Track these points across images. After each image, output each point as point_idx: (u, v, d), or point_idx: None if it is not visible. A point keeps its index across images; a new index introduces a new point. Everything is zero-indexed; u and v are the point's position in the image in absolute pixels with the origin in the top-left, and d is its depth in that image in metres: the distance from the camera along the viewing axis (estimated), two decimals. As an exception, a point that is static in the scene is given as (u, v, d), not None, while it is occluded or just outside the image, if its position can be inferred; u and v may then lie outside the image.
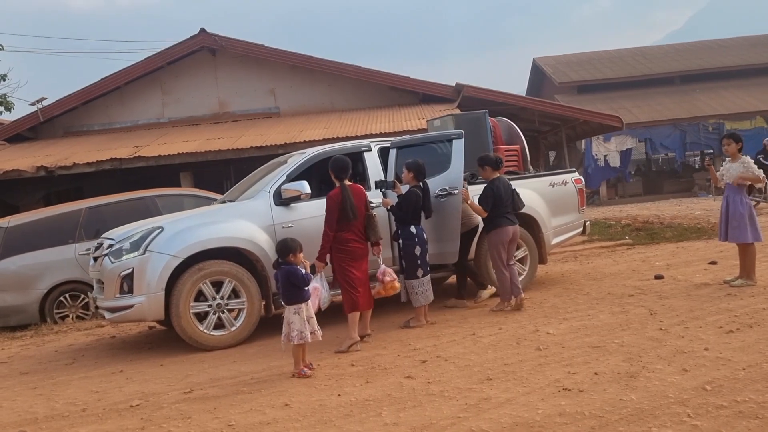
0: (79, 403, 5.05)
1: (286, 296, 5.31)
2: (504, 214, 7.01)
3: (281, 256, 5.35)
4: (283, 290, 5.34)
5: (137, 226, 6.81)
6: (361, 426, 4.01)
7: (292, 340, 5.24)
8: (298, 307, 5.27)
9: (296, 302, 5.29)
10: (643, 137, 25.26)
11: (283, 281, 5.31)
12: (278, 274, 5.40)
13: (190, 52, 17.14)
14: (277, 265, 5.40)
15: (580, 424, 3.72)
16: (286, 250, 5.34)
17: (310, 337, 5.26)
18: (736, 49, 30.07)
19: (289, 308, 5.29)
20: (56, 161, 13.52)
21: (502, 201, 6.98)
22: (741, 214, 7.12)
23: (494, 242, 7.05)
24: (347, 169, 6.18)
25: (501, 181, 7.07)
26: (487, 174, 7.12)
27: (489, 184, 7.04)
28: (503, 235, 7.00)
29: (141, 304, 6.32)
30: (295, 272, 5.27)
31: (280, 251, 5.37)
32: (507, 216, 7.03)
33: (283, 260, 5.34)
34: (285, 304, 5.34)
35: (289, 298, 5.30)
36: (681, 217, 15.22)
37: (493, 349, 5.53)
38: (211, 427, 4.24)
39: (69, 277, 8.95)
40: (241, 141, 13.98)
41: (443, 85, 17.39)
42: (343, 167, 6.15)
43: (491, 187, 7.00)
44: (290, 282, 5.27)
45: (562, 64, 30.53)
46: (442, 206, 7.09)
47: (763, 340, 5.05)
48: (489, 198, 6.97)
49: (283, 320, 5.34)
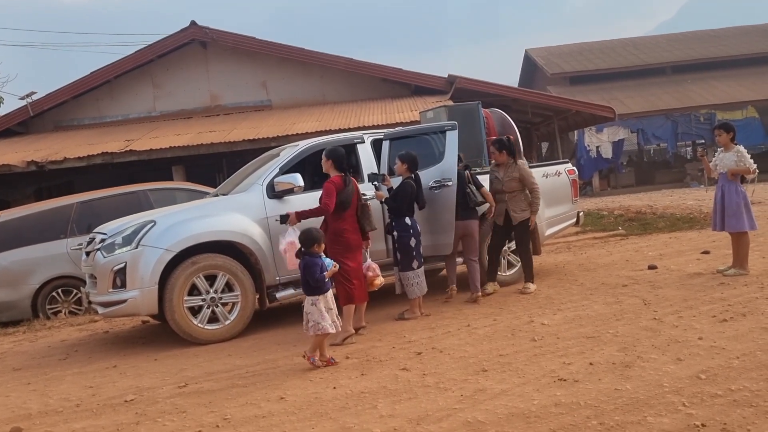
0: (73, 399, 5.03)
1: (305, 286, 5.29)
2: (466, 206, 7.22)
3: (305, 246, 5.29)
4: (302, 280, 5.31)
5: (129, 220, 6.77)
6: (357, 418, 4.00)
7: (308, 330, 5.22)
8: (315, 299, 5.23)
9: (314, 293, 5.24)
10: (636, 128, 25.32)
11: (302, 272, 5.28)
12: (300, 264, 5.37)
13: (180, 45, 17.06)
14: (300, 254, 5.34)
15: (575, 414, 3.73)
16: (311, 240, 5.29)
17: (329, 328, 5.20)
18: (727, 39, 30.16)
19: (307, 299, 5.27)
20: (47, 156, 13.44)
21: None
22: (737, 203, 7.13)
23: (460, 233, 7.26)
24: (345, 158, 6.23)
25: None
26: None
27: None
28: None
29: (134, 298, 6.28)
30: (312, 269, 5.22)
31: (304, 241, 5.30)
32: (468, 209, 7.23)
33: (306, 250, 5.29)
34: (305, 294, 5.31)
35: (308, 289, 5.27)
36: (673, 207, 15.26)
37: (488, 340, 5.53)
38: (207, 421, 4.23)
39: (61, 272, 8.91)
40: (234, 134, 13.93)
41: (436, 77, 17.38)
42: (341, 156, 6.20)
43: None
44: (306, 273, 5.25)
45: (554, 55, 30.55)
46: (436, 198, 7.08)
47: (757, 328, 5.07)
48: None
49: None
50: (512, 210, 7.36)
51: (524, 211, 7.34)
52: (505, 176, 7.40)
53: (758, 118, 25.28)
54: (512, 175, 7.34)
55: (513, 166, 7.38)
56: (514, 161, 7.42)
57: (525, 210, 7.34)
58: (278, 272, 6.75)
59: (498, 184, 7.47)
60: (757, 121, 25.24)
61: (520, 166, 7.38)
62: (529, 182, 7.32)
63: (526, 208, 7.35)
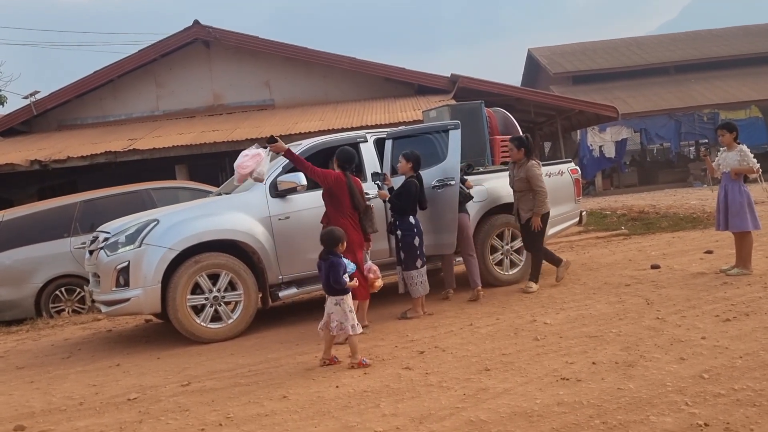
0: (77, 397, 5.04)
1: (328, 287, 5.26)
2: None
3: (328, 246, 5.28)
4: (325, 281, 5.27)
5: (133, 219, 6.78)
6: (360, 417, 4.01)
7: (332, 330, 5.17)
8: (339, 299, 5.20)
9: (338, 293, 5.22)
10: (639, 127, 25.27)
11: (326, 272, 5.24)
12: (319, 264, 5.34)
13: (183, 44, 17.06)
14: (325, 255, 5.30)
15: (578, 413, 3.73)
16: (334, 240, 5.28)
17: (350, 330, 5.17)
18: (730, 39, 30.09)
19: (330, 299, 5.24)
20: (50, 155, 13.46)
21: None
22: (740, 202, 7.12)
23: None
24: (353, 161, 6.30)
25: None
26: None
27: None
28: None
29: (137, 297, 6.29)
30: (336, 269, 5.18)
31: (327, 242, 5.29)
32: None
33: (330, 251, 5.27)
34: (329, 295, 5.27)
35: (331, 289, 5.24)
36: (676, 207, 15.24)
37: (490, 339, 5.53)
38: (210, 419, 4.23)
39: (64, 271, 8.92)
40: (236, 133, 13.93)
41: (439, 76, 17.36)
42: (350, 158, 6.27)
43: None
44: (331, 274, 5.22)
45: (557, 54, 30.51)
46: (439, 197, 7.08)
47: (760, 328, 5.07)
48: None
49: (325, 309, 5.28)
50: (521, 209, 7.41)
51: (531, 210, 7.33)
52: (516, 175, 7.42)
53: (762, 118, 25.22)
54: (520, 175, 7.36)
55: (524, 165, 7.37)
56: (527, 160, 7.41)
57: (531, 209, 7.33)
58: (281, 271, 6.75)
59: (510, 182, 7.55)
60: (760, 120, 25.18)
61: (528, 167, 7.32)
62: (534, 183, 7.27)
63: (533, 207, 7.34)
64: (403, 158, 6.76)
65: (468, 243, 7.30)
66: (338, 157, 6.31)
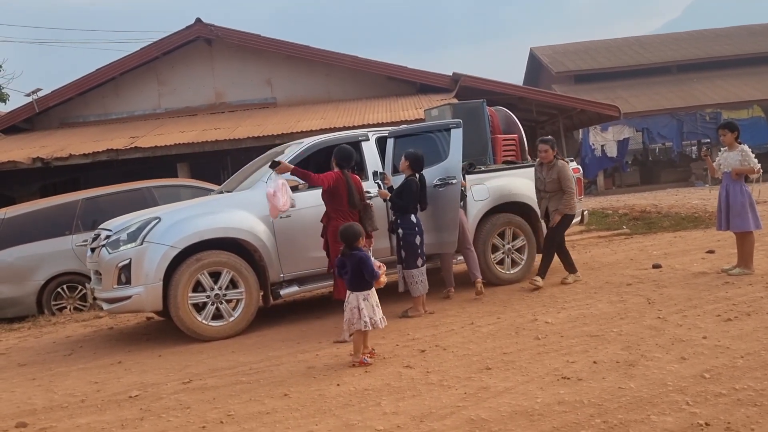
0: (78, 394, 5.05)
1: (355, 283, 5.20)
2: None
3: (349, 243, 5.24)
4: (351, 277, 5.21)
5: (134, 216, 6.79)
6: (361, 415, 4.01)
7: (365, 326, 5.12)
8: (366, 294, 5.19)
9: (364, 288, 5.20)
10: (641, 127, 25.23)
11: (353, 268, 5.18)
12: (342, 261, 5.28)
13: (186, 42, 17.06)
14: (347, 251, 5.26)
15: (579, 413, 3.73)
16: (354, 236, 5.26)
17: (380, 323, 5.19)
18: (733, 39, 30.02)
19: (357, 295, 5.18)
20: (52, 152, 13.47)
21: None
22: (742, 202, 7.11)
23: None
24: (352, 158, 6.29)
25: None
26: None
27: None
28: None
29: (139, 294, 6.30)
30: (367, 262, 5.17)
31: (347, 238, 5.25)
32: None
33: (351, 247, 5.25)
34: (352, 291, 5.22)
35: (358, 285, 5.20)
36: (678, 206, 15.23)
37: (491, 338, 5.53)
38: (211, 417, 4.24)
39: (66, 268, 8.93)
40: (238, 131, 13.94)
41: (440, 75, 17.34)
42: (347, 156, 6.27)
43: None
44: (360, 269, 5.18)
45: (559, 53, 30.47)
46: (440, 196, 7.08)
47: (761, 328, 5.06)
48: None
49: (346, 307, 5.24)
50: (552, 208, 7.51)
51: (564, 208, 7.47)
52: (547, 176, 7.51)
53: (764, 118, 25.17)
54: (552, 176, 7.47)
55: (556, 165, 7.47)
56: (556, 161, 7.50)
57: None
58: (282, 269, 6.76)
59: (540, 183, 7.60)
60: (762, 120, 25.13)
61: (560, 168, 7.45)
62: (565, 184, 7.40)
63: None
64: (404, 157, 6.79)
65: (465, 238, 7.31)
66: (336, 156, 6.33)
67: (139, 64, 17.14)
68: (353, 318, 5.15)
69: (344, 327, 5.29)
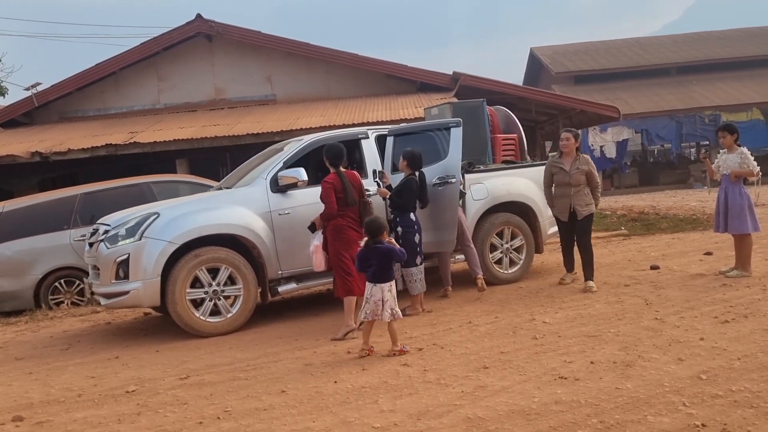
0: (75, 389, 5.05)
1: (381, 275, 5.27)
2: None
3: (375, 235, 5.33)
4: (377, 269, 5.28)
5: (133, 212, 6.78)
6: (358, 413, 4.02)
7: (390, 317, 5.21)
8: (390, 285, 5.29)
9: (388, 280, 5.29)
10: (640, 128, 25.27)
11: (380, 259, 5.27)
12: (366, 254, 5.35)
13: (186, 37, 17.02)
14: (371, 244, 5.33)
15: (575, 412, 3.74)
16: (380, 228, 5.34)
17: (400, 314, 5.35)
18: (732, 41, 30.05)
19: (382, 287, 5.25)
20: (51, 147, 13.45)
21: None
22: (740, 204, 7.12)
23: None
24: (342, 155, 6.22)
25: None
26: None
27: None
28: None
29: (137, 290, 6.30)
30: (395, 250, 5.34)
31: (373, 231, 5.33)
32: None
33: (376, 239, 5.32)
34: (375, 283, 5.27)
35: (384, 276, 5.28)
36: (676, 208, 15.25)
37: (489, 337, 5.54)
38: (208, 413, 4.24)
39: (64, 263, 8.93)
40: (238, 128, 13.92)
41: (441, 74, 17.33)
42: (337, 154, 6.19)
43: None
44: (389, 259, 5.29)
45: (560, 54, 30.47)
46: (439, 194, 7.08)
47: (758, 330, 5.08)
48: None
49: (369, 299, 5.28)
50: (577, 205, 7.27)
51: (588, 205, 7.28)
52: (572, 168, 7.30)
53: (763, 120, 25.21)
54: (581, 168, 7.27)
55: (580, 158, 7.34)
56: (578, 154, 7.41)
57: (589, 204, 7.29)
58: (281, 266, 6.76)
59: (564, 176, 7.32)
60: (761, 123, 25.17)
61: (587, 161, 7.36)
62: (595, 178, 7.34)
63: (591, 202, 7.30)
64: (402, 156, 6.78)
65: (464, 235, 7.32)
66: (327, 156, 6.23)
67: (139, 59, 17.11)
68: (377, 309, 5.23)
69: (358, 318, 5.34)
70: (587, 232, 7.36)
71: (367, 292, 5.32)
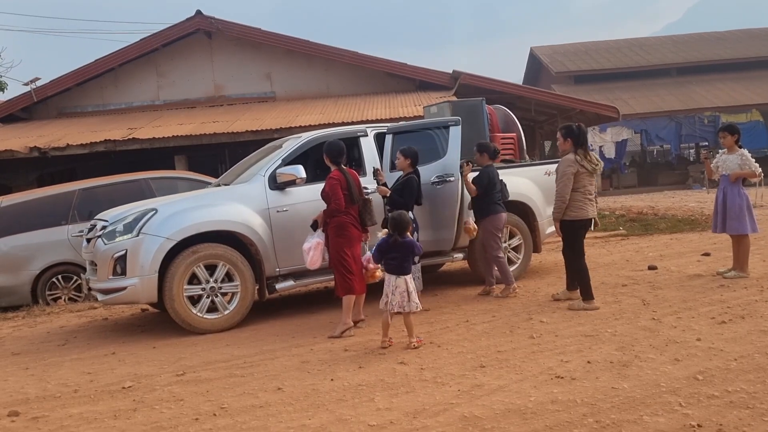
0: (71, 384, 5.04)
1: (404, 267, 5.45)
2: (497, 201, 7.08)
3: (401, 230, 5.46)
4: (401, 262, 5.44)
5: (131, 207, 6.77)
6: (354, 410, 4.01)
7: (417, 307, 5.43)
8: (410, 278, 5.46)
9: (410, 272, 5.49)
10: (639, 129, 25.29)
11: (403, 253, 5.44)
12: (389, 247, 5.47)
13: (185, 34, 17.01)
14: (398, 239, 5.45)
15: (572, 412, 3.73)
16: (405, 224, 5.49)
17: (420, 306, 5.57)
18: (733, 42, 30.05)
19: (406, 278, 5.42)
20: (49, 142, 13.43)
21: (495, 188, 7.04)
22: (739, 205, 7.12)
23: (491, 228, 7.09)
24: (343, 152, 6.20)
25: (494, 169, 7.14)
26: (484, 161, 7.16)
27: (485, 169, 7.11)
28: (498, 221, 7.07)
29: (134, 286, 6.29)
30: (417, 245, 5.60)
31: (398, 226, 5.46)
32: (500, 203, 7.12)
33: (401, 234, 5.45)
34: (399, 275, 5.42)
35: (408, 269, 5.47)
36: (675, 208, 15.26)
37: (486, 336, 5.54)
38: (204, 409, 4.24)
39: (61, 258, 8.91)
40: (237, 125, 13.91)
41: (440, 72, 17.33)
42: (339, 151, 6.17)
43: (488, 171, 7.06)
44: (412, 253, 5.50)
45: (560, 53, 30.47)
46: (438, 193, 7.08)
47: (755, 331, 5.08)
48: (484, 180, 7.07)
49: (395, 291, 5.39)
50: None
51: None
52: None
53: (762, 122, 25.23)
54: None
55: None
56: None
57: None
58: (278, 263, 6.75)
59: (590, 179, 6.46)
60: (761, 124, 25.19)
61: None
62: None
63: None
64: (401, 154, 6.72)
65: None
66: (328, 154, 6.18)
67: (139, 55, 17.09)
68: (403, 301, 5.36)
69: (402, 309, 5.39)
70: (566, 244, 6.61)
71: (391, 284, 5.43)
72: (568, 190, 6.31)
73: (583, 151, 6.37)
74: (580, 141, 6.41)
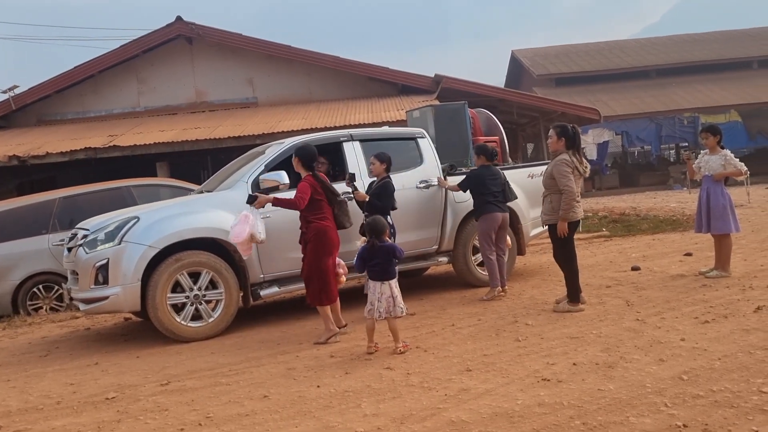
0: (54, 396, 4.97)
1: (389, 272, 5.43)
2: (492, 201, 7.15)
3: (378, 235, 5.45)
4: (384, 267, 5.42)
5: (113, 216, 6.71)
6: (341, 417, 3.99)
7: (402, 312, 5.42)
8: (396, 282, 5.44)
9: (394, 276, 5.48)
10: (620, 130, 25.47)
11: (384, 258, 5.42)
12: (372, 253, 5.44)
13: (166, 40, 16.93)
14: (377, 243, 5.44)
15: (558, 414, 3.74)
16: (382, 227, 5.49)
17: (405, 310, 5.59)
18: (710, 44, 30.42)
19: (390, 283, 5.40)
20: (29, 150, 13.29)
21: (487, 187, 7.08)
22: (723, 205, 7.19)
23: (483, 228, 7.13)
24: (316, 156, 6.20)
25: (489, 170, 7.21)
26: (481, 162, 7.30)
27: (473, 170, 7.21)
28: (492, 221, 7.11)
29: (116, 295, 6.22)
30: (398, 248, 5.57)
31: (376, 231, 5.46)
32: (496, 203, 7.17)
33: (378, 238, 5.44)
34: (383, 281, 5.39)
35: (391, 273, 5.45)
36: (657, 209, 15.38)
37: (472, 340, 5.54)
38: (189, 419, 4.19)
39: (42, 268, 8.79)
40: (219, 131, 13.85)
41: (422, 76, 17.38)
42: (312, 155, 6.15)
43: (474, 173, 7.20)
44: (393, 257, 5.46)
45: (541, 56, 30.67)
46: (421, 195, 7.12)
47: (738, 330, 5.12)
48: (471, 182, 7.18)
49: (380, 297, 5.36)
50: (542, 212, 6.56)
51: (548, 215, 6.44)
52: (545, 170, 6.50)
53: (741, 122, 25.52)
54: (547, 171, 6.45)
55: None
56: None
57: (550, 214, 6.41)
58: (263, 270, 6.72)
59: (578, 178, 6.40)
60: (740, 125, 25.48)
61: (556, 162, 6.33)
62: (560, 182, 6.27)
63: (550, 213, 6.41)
64: (376, 159, 6.74)
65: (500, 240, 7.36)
66: (301, 158, 6.11)
67: (119, 61, 16.98)
68: (389, 306, 5.33)
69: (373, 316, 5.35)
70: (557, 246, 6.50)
71: (376, 291, 5.39)
72: (574, 187, 6.32)
73: (577, 154, 6.39)
74: (574, 143, 6.38)
